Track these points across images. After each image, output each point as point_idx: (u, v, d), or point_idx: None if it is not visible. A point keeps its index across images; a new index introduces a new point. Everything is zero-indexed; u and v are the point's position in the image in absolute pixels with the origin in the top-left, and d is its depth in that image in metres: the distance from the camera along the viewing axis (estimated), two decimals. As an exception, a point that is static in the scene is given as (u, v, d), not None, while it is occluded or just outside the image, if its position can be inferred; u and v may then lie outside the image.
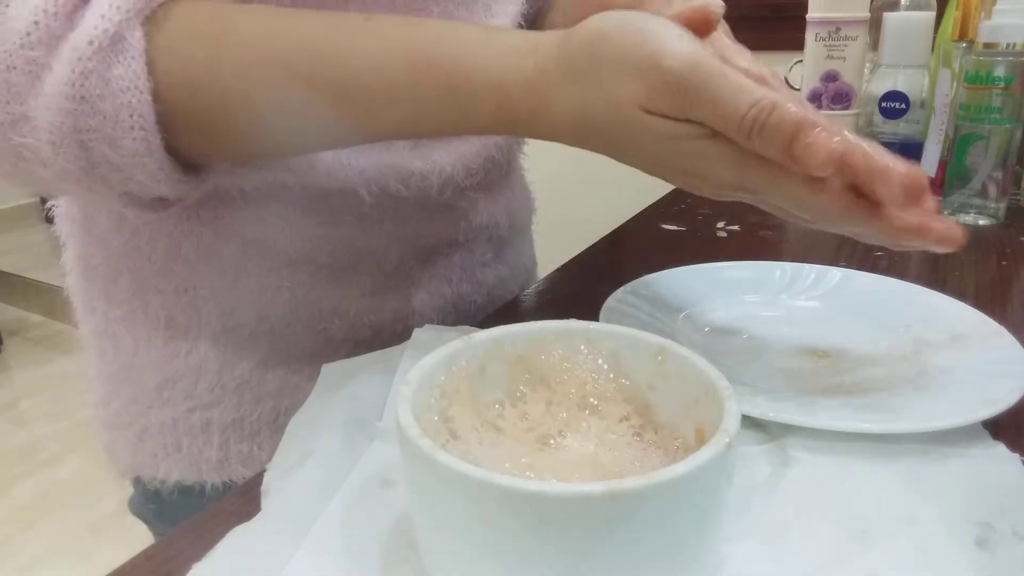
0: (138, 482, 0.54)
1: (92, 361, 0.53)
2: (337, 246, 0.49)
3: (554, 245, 0.77)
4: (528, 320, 0.31)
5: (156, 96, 0.34)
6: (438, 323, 0.54)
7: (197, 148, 0.37)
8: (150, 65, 0.33)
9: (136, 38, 0.33)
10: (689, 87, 0.30)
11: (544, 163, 0.71)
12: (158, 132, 0.34)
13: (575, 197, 1.52)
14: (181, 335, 0.48)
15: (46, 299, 2.69)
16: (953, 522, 0.30)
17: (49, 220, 0.53)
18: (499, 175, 0.56)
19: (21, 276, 2.80)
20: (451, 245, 0.54)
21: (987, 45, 0.68)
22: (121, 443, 0.52)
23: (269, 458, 0.49)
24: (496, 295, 0.60)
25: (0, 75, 0.32)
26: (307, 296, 0.49)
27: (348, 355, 0.49)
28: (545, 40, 0.34)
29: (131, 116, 0.33)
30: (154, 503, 0.53)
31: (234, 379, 0.49)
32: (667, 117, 0.31)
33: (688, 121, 0.31)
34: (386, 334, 0.52)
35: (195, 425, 0.50)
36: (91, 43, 0.32)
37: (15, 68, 0.32)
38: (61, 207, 0.51)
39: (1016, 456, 0.34)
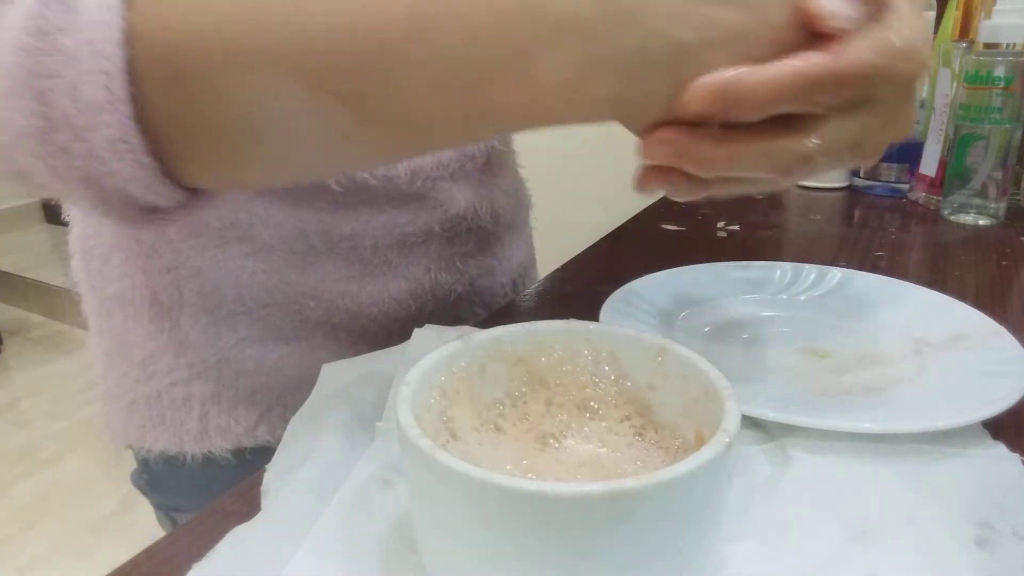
0: (132, 452, 0.56)
1: (93, 338, 0.56)
2: (311, 232, 0.50)
3: (554, 245, 0.77)
4: (528, 320, 0.31)
5: (130, 38, 0.28)
6: (415, 309, 0.55)
7: (175, 132, 0.30)
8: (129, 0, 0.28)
9: None
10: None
11: (544, 162, 0.71)
12: (125, 82, 0.28)
13: (575, 196, 1.52)
14: (164, 313, 0.50)
15: (46, 299, 2.69)
16: (953, 522, 0.30)
17: (49, 220, 0.55)
18: (475, 168, 0.57)
19: (21, 276, 2.80)
20: (428, 234, 0.54)
21: (987, 45, 0.68)
22: (114, 415, 0.55)
23: (245, 431, 0.52)
24: (481, 285, 0.60)
25: None
26: (284, 279, 0.50)
27: (325, 337, 0.52)
28: None
29: (94, 56, 0.27)
30: (146, 473, 0.56)
31: (213, 355, 0.51)
32: None
33: None
34: (363, 318, 0.53)
35: (177, 398, 0.52)
36: None
37: None
38: None
39: (1016, 456, 0.34)
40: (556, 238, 0.84)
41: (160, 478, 0.55)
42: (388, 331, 0.54)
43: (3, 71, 0.28)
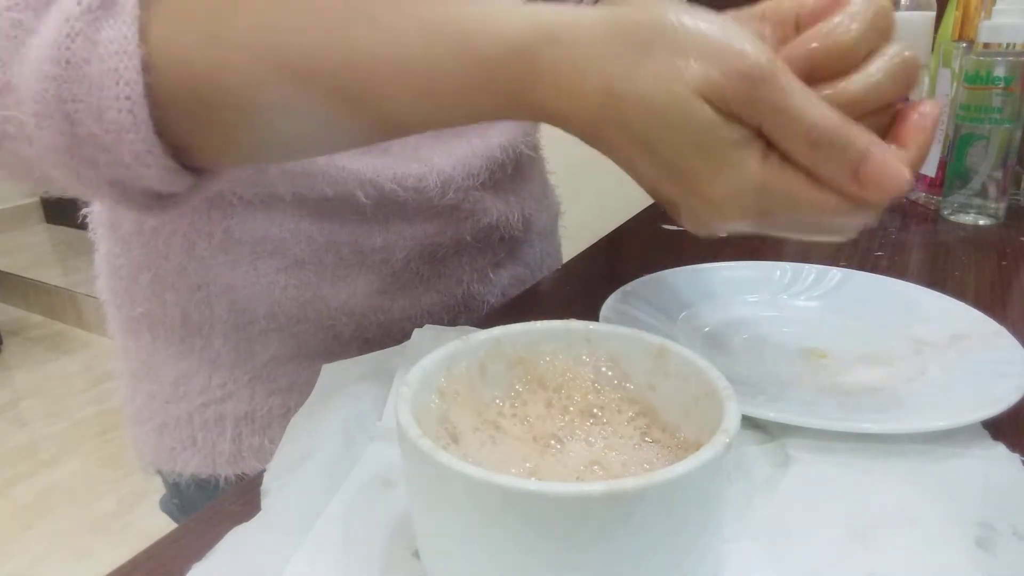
0: (162, 476, 0.55)
1: (119, 359, 0.55)
2: (342, 246, 0.49)
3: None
4: (528, 320, 0.31)
5: (147, 66, 0.31)
6: (448, 322, 0.54)
7: (191, 137, 0.34)
8: (143, 32, 0.31)
9: (130, 2, 0.31)
10: (766, 79, 0.27)
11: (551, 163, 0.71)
12: (146, 105, 0.31)
13: (575, 198, 1.52)
14: (195, 332, 0.49)
15: (46, 299, 2.69)
16: (953, 522, 0.30)
17: (49, 220, 0.55)
18: (505, 176, 0.56)
19: (21, 276, 2.80)
20: (459, 244, 0.54)
21: (987, 45, 0.68)
22: (143, 438, 0.53)
23: (282, 451, 0.52)
24: (512, 294, 0.60)
25: None
26: (315, 294, 0.49)
27: (358, 352, 0.50)
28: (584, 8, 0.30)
29: (117, 84, 0.30)
30: (176, 497, 0.55)
31: (246, 374, 0.50)
32: (720, 111, 0.28)
33: (739, 123, 0.28)
34: (395, 332, 0.52)
35: (209, 419, 0.51)
36: (79, 3, 0.30)
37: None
38: (94, 211, 0.52)
39: (1016, 456, 0.34)
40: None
41: (191, 503, 0.54)
42: None
43: (33, 96, 0.31)
